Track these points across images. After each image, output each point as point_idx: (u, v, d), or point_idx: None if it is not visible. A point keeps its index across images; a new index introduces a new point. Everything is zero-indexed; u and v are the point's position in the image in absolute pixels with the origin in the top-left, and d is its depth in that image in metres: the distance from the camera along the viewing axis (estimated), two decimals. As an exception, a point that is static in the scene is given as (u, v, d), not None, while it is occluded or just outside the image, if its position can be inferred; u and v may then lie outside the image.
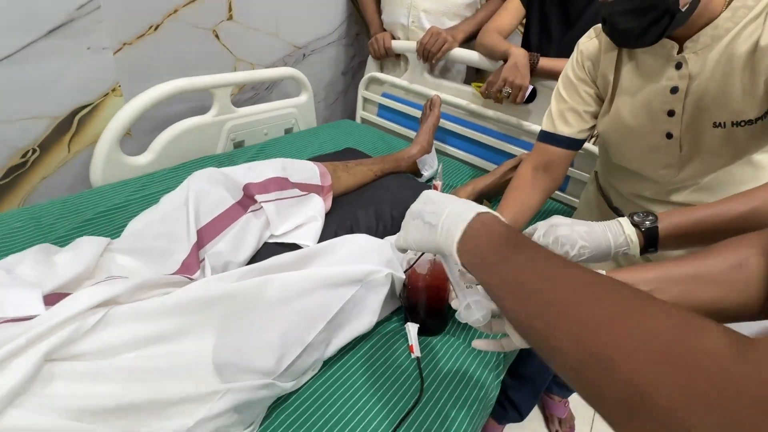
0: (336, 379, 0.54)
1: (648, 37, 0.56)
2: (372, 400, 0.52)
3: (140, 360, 0.39)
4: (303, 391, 0.51)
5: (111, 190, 0.82)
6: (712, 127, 0.60)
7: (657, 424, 0.18)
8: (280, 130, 1.23)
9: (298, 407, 0.50)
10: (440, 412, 0.52)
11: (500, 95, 1.00)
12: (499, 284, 0.31)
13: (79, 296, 0.38)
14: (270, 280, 0.52)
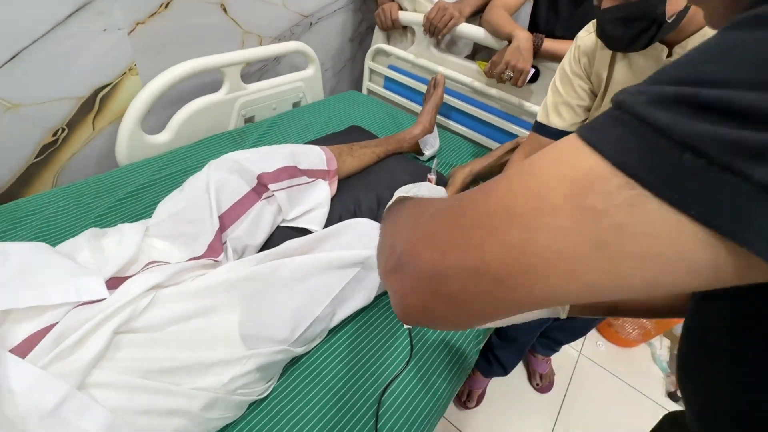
0: (339, 345, 0.64)
1: (637, 44, 0.59)
2: (369, 363, 0.63)
3: (182, 332, 0.49)
4: (312, 354, 0.62)
5: (136, 170, 0.90)
6: None
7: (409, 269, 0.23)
8: (289, 103, 1.27)
9: (308, 367, 0.61)
10: (425, 374, 0.63)
11: (503, 77, 1.02)
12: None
13: (133, 282, 0.47)
14: (283, 264, 0.61)
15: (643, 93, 0.18)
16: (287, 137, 1.11)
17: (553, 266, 0.19)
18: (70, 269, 0.46)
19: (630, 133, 0.17)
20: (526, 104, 1.11)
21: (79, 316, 0.42)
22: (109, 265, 0.51)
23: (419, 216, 0.27)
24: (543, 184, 0.19)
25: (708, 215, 0.15)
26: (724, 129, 0.15)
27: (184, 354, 0.47)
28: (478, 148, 1.20)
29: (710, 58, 0.17)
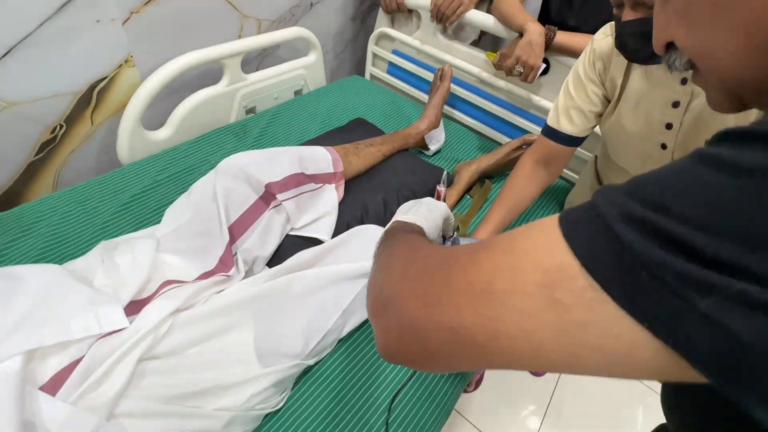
0: (348, 353, 0.67)
1: (655, 60, 0.58)
2: (378, 370, 0.65)
3: (201, 354, 0.51)
4: (322, 364, 0.65)
5: (139, 170, 0.89)
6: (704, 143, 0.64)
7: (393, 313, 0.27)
8: (290, 92, 1.23)
9: (319, 377, 0.63)
10: (432, 380, 0.66)
11: (512, 72, 0.99)
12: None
13: (152, 310, 0.48)
14: (294, 278, 0.62)
15: (617, 205, 0.20)
16: (290, 130, 1.09)
17: (519, 342, 0.22)
18: (88, 297, 0.47)
19: (599, 240, 0.20)
20: (534, 98, 1.08)
21: (104, 348, 0.43)
22: (126, 287, 0.52)
23: (410, 264, 0.30)
24: (520, 267, 0.22)
25: (659, 330, 0.18)
26: (679, 261, 0.17)
27: (205, 376, 0.49)
28: (484, 141, 1.19)
29: (680, 189, 0.19)
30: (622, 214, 0.20)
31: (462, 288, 0.24)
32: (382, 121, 1.19)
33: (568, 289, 0.20)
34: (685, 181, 0.19)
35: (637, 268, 0.18)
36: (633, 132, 0.71)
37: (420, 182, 0.90)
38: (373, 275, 0.35)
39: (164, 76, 0.90)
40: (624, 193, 0.21)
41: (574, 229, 0.21)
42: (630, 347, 0.19)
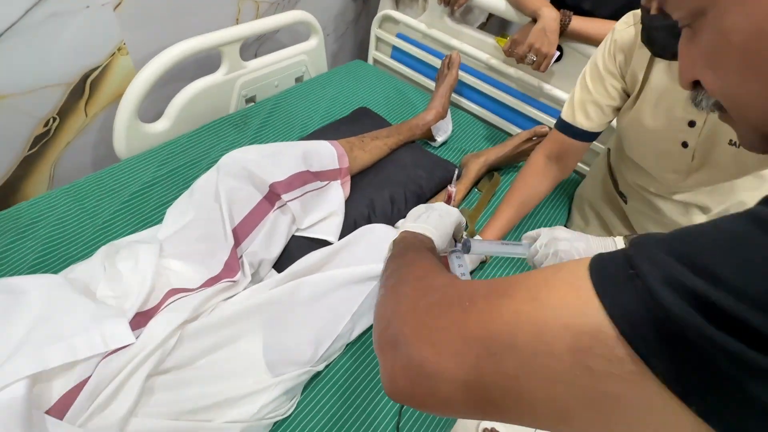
0: (357, 356, 0.66)
1: None
2: (387, 374, 0.65)
3: (210, 365, 0.50)
4: (330, 369, 0.64)
5: (138, 165, 0.86)
6: (727, 144, 0.61)
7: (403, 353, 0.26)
8: (291, 79, 1.19)
9: (327, 382, 0.63)
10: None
11: (524, 60, 0.94)
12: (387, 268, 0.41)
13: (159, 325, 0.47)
14: (301, 283, 0.61)
15: (660, 267, 0.18)
16: (291, 120, 1.05)
17: (543, 407, 0.20)
18: (92, 312, 0.45)
19: (640, 305, 0.18)
20: (545, 86, 1.04)
21: (111, 366, 0.42)
22: (130, 299, 0.50)
23: (421, 295, 0.28)
24: (547, 324, 0.20)
25: (709, 415, 0.16)
26: (733, 342, 0.15)
27: (215, 389, 0.48)
28: (492, 131, 1.15)
29: (734, 257, 0.17)
30: (666, 278, 0.17)
31: (480, 336, 0.22)
32: (387, 109, 1.15)
33: (603, 357, 0.18)
34: (738, 248, 0.17)
35: (682, 342, 0.16)
36: (652, 129, 0.68)
37: (427, 177, 0.88)
38: (381, 302, 0.33)
39: (160, 65, 0.86)
40: (667, 251, 0.18)
41: (610, 287, 0.19)
42: (669, 427, 0.17)
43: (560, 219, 0.99)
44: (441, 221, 0.54)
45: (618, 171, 0.87)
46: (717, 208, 0.73)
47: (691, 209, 0.76)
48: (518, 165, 1.04)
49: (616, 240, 0.57)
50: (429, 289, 0.29)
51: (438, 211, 0.56)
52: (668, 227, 0.81)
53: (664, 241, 0.19)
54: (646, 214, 0.82)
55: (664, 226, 0.81)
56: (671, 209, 0.77)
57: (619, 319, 0.18)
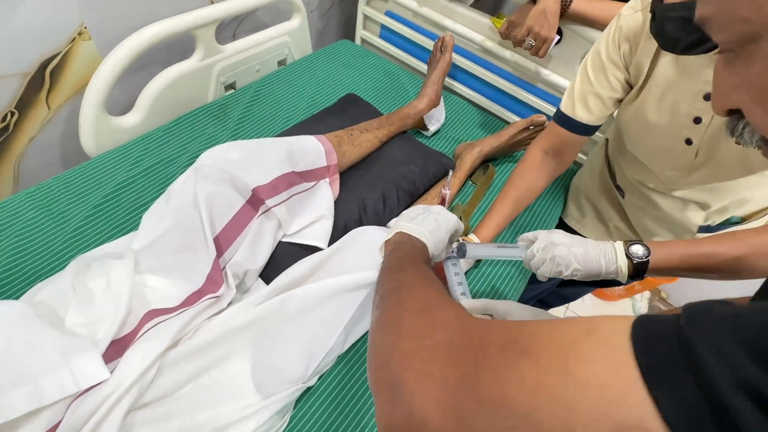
0: (350, 366, 0.64)
1: (697, 50, 0.50)
2: (382, 383, 0.63)
3: (195, 392, 0.47)
4: (324, 380, 0.62)
5: (109, 164, 0.79)
6: (733, 143, 0.58)
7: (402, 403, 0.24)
8: (273, 63, 1.11)
9: (321, 393, 0.61)
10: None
11: (522, 44, 0.89)
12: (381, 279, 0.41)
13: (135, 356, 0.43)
14: (290, 296, 0.57)
15: (730, 366, 0.15)
16: (275, 109, 0.99)
17: None
18: (60, 346, 0.41)
19: (705, 412, 0.15)
20: (543, 71, 0.99)
21: (84, 408, 0.39)
22: (104, 325, 0.46)
23: (426, 332, 0.25)
24: (580, 410, 0.17)
25: None
26: None
27: (201, 418, 0.46)
28: (487, 117, 1.10)
29: None
30: (740, 381, 0.14)
31: (495, 401, 0.20)
32: (376, 95, 1.09)
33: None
34: None
35: None
36: (655, 124, 0.65)
37: (421, 172, 0.84)
38: (378, 328, 0.31)
39: (127, 52, 0.78)
40: (734, 337, 0.15)
41: (662, 377, 0.16)
42: None
43: (556, 210, 0.96)
44: (437, 227, 0.52)
45: (616, 164, 0.84)
46: (716, 205, 0.71)
47: (690, 206, 0.74)
48: (514, 155, 1.01)
49: (615, 245, 0.55)
50: (434, 324, 0.26)
51: (435, 215, 0.53)
52: (665, 222, 0.79)
53: (728, 322, 0.16)
54: (644, 209, 0.80)
55: (661, 221, 0.80)
56: (669, 205, 0.75)
57: (674, 419, 0.15)
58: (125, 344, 0.46)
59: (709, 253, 0.52)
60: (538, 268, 0.57)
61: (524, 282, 0.82)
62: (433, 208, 0.56)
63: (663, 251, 0.53)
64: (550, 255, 0.55)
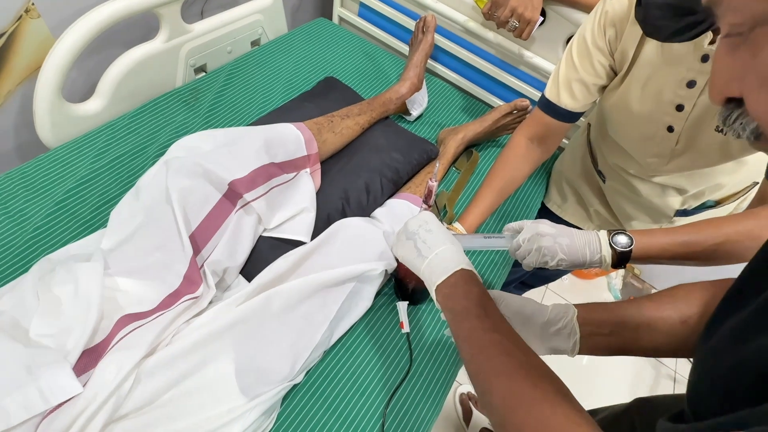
0: (337, 361, 0.63)
1: (682, 37, 0.49)
2: (369, 376, 0.63)
3: (176, 399, 0.45)
4: (310, 376, 0.61)
5: (70, 157, 0.74)
6: (713, 130, 0.59)
7: None
8: (246, 44, 1.05)
9: (308, 390, 0.60)
10: (426, 378, 0.65)
11: (505, 25, 0.86)
12: (458, 328, 0.42)
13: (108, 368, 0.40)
14: (273, 294, 0.55)
15: None
16: (250, 93, 0.94)
17: None
18: (24, 361, 0.38)
19: None
20: (526, 54, 0.97)
21: (56, 426, 0.37)
22: (73, 335, 0.43)
23: None
24: None
25: None
26: None
27: (183, 425, 0.44)
28: (470, 101, 1.08)
29: None
30: None
31: None
32: (356, 78, 1.05)
33: None
34: None
35: None
36: (638, 111, 0.64)
37: (404, 160, 0.82)
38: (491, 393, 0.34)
39: (82, 32, 0.71)
40: None
41: None
42: None
43: (538, 195, 0.97)
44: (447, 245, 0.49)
45: (598, 149, 0.84)
46: (693, 190, 0.73)
47: (668, 191, 0.75)
48: (498, 140, 1.00)
49: (600, 235, 0.55)
50: None
51: (430, 236, 0.50)
52: (644, 207, 0.81)
53: None
54: (624, 194, 0.81)
55: (640, 206, 0.81)
56: (648, 191, 0.76)
57: None
58: (98, 354, 0.43)
59: (689, 241, 0.53)
60: (524, 258, 0.57)
61: (508, 268, 0.82)
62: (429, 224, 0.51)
63: (645, 240, 0.54)
64: (536, 246, 0.55)
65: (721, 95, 0.26)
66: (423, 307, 0.72)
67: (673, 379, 1.51)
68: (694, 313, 0.45)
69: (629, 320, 0.47)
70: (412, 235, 0.51)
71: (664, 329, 0.45)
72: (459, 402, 1.24)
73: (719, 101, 0.27)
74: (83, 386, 0.39)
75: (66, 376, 0.39)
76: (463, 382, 1.28)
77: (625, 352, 0.48)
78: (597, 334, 0.47)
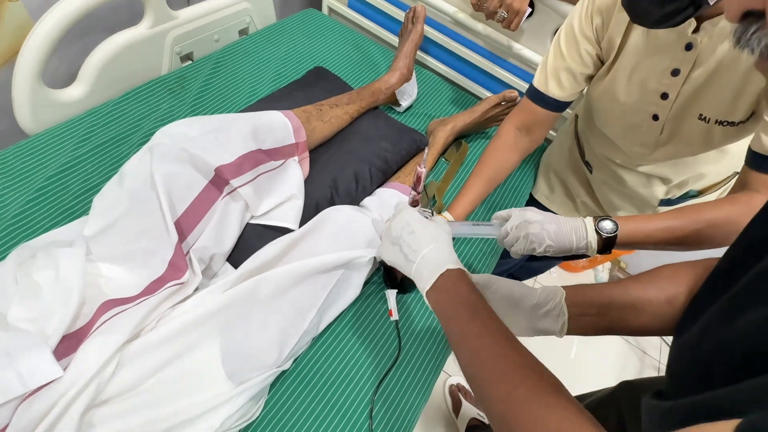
0: (325, 349, 0.63)
1: (667, 23, 0.50)
2: (357, 363, 0.63)
3: (161, 384, 0.44)
4: (299, 363, 0.61)
5: (51, 143, 0.72)
6: (696, 118, 0.60)
7: None
8: (234, 32, 1.03)
9: (296, 377, 0.60)
10: (415, 365, 0.65)
11: (494, 16, 0.87)
12: (451, 333, 0.42)
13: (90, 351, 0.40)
14: (261, 280, 0.55)
15: None
16: (238, 82, 0.93)
17: None
18: (2, 345, 0.37)
19: None
20: (515, 46, 0.98)
21: (34, 409, 0.36)
22: (53, 320, 0.42)
23: None
24: None
25: None
26: None
27: (168, 410, 0.43)
28: (459, 93, 1.09)
29: None
30: None
31: None
32: (346, 69, 1.05)
33: None
34: None
35: None
36: (624, 100, 0.65)
37: (394, 150, 0.82)
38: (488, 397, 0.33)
39: (63, 16, 0.69)
40: None
41: None
42: None
43: (527, 186, 0.98)
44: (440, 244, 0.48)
45: (585, 140, 0.85)
46: (677, 179, 0.74)
47: (653, 180, 0.76)
48: (487, 131, 1.00)
49: (586, 221, 0.56)
50: None
51: (414, 232, 0.49)
52: (629, 197, 0.82)
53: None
54: (610, 184, 0.82)
55: (625, 196, 0.82)
56: (634, 181, 0.78)
57: None
58: (80, 338, 0.42)
59: (672, 226, 0.54)
60: (512, 246, 0.57)
61: (496, 258, 0.83)
62: (421, 250, 0.49)
63: (630, 226, 0.55)
64: (523, 233, 0.55)
65: (740, 9, 0.26)
66: (412, 295, 0.72)
67: (657, 369, 1.55)
68: (680, 292, 0.45)
69: (616, 301, 0.48)
70: (396, 240, 0.51)
71: (649, 309, 0.46)
72: (449, 393, 1.25)
73: (737, 16, 0.26)
74: (63, 370, 0.39)
75: (45, 359, 0.38)
76: (452, 374, 1.29)
77: (612, 332, 0.49)
78: (585, 315, 0.48)
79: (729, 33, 0.52)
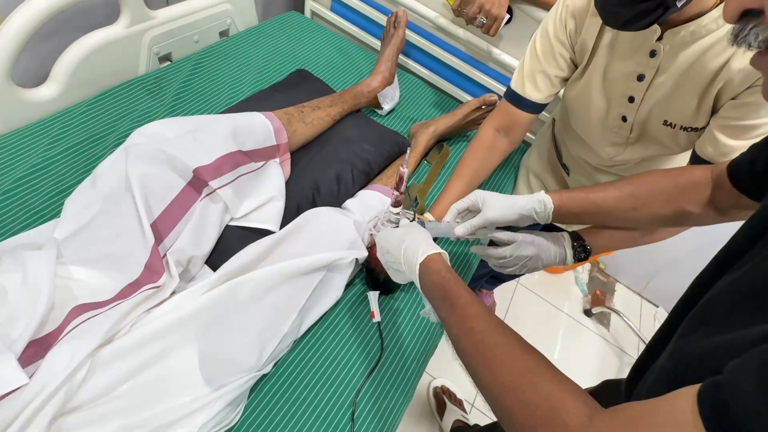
0: (307, 353, 0.62)
1: (636, 25, 0.52)
2: (339, 365, 0.62)
3: (135, 390, 0.43)
4: (279, 367, 0.60)
5: (21, 144, 0.70)
6: (662, 124, 0.63)
7: None
8: (214, 34, 1.02)
9: (276, 381, 0.59)
10: (397, 366, 0.65)
11: (474, 22, 0.88)
12: (442, 318, 0.44)
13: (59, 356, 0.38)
14: (240, 283, 0.54)
15: None
16: (217, 84, 0.92)
17: None
18: (-36, 351, 0.36)
19: None
20: (494, 51, 1.00)
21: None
22: (19, 324, 0.41)
23: None
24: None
25: None
26: None
27: (143, 416, 0.42)
28: (440, 96, 1.10)
29: None
30: None
31: None
32: (328, 72, 1.05)
33: None
34: None
35: None
36: (597, 102, 0.68)
37: (376, 152, 0.82)
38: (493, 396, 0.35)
39: (33, 14, 0.67)
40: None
41: None
42: None
43: (508, 188, 0.99)
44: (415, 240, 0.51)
45: (562, 142, 0.88)
46: (649, 179, 0.77)
47: (626, 181, 0.79)
48: (467, 134, 1.02)
49: (565, 240, 0.62)
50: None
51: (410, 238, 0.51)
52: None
53: None
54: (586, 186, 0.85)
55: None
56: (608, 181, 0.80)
57: None
58: (48, 344, 0.41)
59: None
60: (506, 270, 0.62)
61: (478, 258, 0.84)
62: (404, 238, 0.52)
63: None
64: (522, 263, 0.60)
65: (741, 7, 0.27)
66: (394, 297, 0.72)
67: (635, 366, 1.59)
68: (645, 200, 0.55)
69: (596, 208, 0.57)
70: (387, 265, 0.55)
71: (619, 215, 0.57)
72: (433, 395, 1.25)
73: (735, 16, 0.28)
74: (29, 377, 0.37)
75: (9, 366, 0.36)
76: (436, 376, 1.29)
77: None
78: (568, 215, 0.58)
79: (689, 42, 0.55)
